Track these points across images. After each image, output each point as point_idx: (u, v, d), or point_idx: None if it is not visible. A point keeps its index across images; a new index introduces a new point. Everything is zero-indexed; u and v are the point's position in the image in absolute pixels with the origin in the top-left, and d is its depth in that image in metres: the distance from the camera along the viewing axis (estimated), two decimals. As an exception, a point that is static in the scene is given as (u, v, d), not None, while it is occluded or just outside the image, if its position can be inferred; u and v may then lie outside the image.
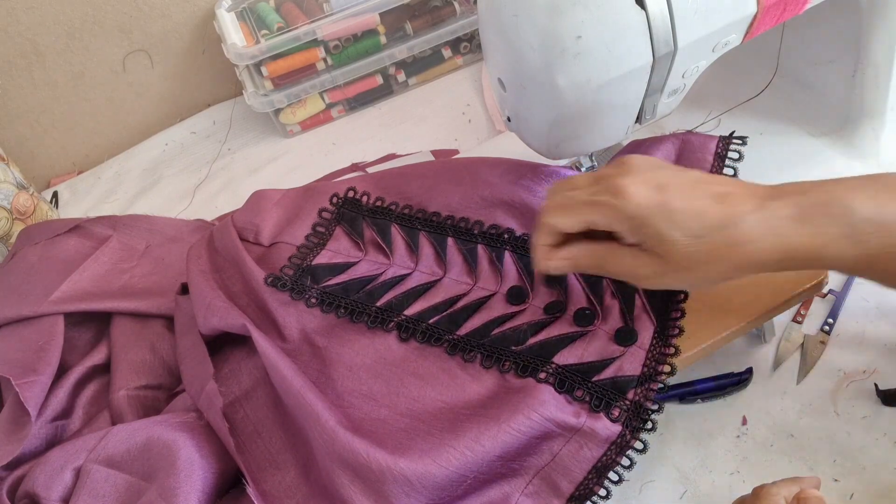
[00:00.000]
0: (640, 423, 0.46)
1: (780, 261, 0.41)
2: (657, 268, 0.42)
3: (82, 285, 0.67)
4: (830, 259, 0.40)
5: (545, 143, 0.53)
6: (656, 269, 0.42)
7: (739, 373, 0.59)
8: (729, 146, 0.57)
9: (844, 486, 0.52)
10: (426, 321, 0.53)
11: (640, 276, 0.43)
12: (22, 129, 0.92)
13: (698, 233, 0.40)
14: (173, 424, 0.53)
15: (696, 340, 0.50)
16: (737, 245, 0.40)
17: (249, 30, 0.85)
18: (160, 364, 0.62)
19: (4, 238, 0.76)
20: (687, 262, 0.41)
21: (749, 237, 0.40)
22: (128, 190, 0.91)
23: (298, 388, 0.49)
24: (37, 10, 0.83)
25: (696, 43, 0.47)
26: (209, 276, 0.59)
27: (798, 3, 0.50)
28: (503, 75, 0.51)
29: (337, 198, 0.62)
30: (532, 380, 0.48)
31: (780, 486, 0.42)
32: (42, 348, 0.60)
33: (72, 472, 0.52)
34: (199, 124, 0.97)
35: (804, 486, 0.43)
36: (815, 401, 0.57)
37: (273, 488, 0.50)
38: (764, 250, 0.40)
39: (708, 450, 0.56)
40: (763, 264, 0.41)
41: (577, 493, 0.45)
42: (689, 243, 0.41)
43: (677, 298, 0.51)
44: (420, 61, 0.92)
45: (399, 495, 0.44)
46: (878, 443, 0.53)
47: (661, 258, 0.42)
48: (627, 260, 0.43)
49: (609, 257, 0.44)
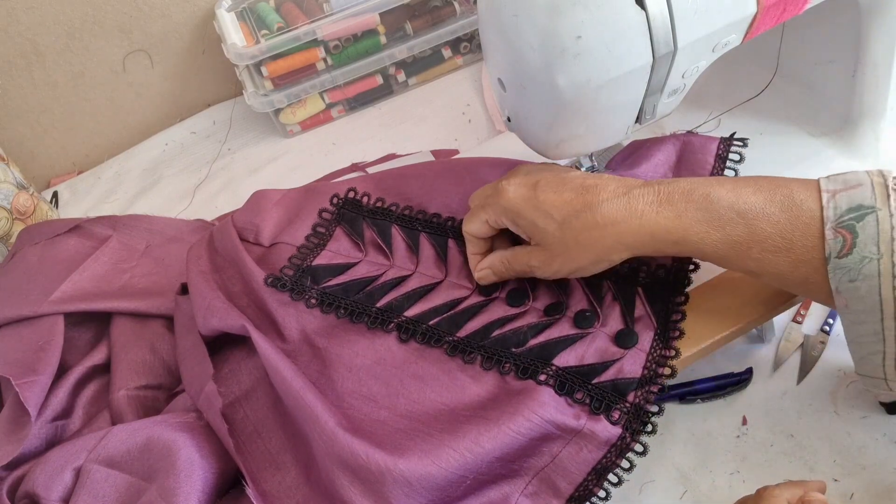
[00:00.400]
0: (640, 426, 0.46)
1: (648, 243, 0.45)
2: (543, 257, 0.49)
3: (82, 285, 0.67)
4: (695, 242, 0.44)
5: (545, 143, 0.53)
6: (542, 259, 0.49)
7: (739, 373, 0.59)
8: (730, 147, 0.57)
9: (844, 486, 0.52)
10: (426, 322, 0.53)
11: (534, 266, 0.50)
12: (22, 129, 0.92)
13: (562, 219, 0.46)
14: (173, 424, 0.53)
15: (695, 341, 0.50)
16: (600, 227, 0.45)
17: (249, 30, 0.85)
18: (160, 364, 0.62)
19: (4, 238, 0.76)
20: (561, 247, 0.47)
21: (611, 219, 0.45)
22: (128, 190, 0.91)
23: (298, 389, 0.49)
24: (37, 10, 0.83)
25: (696, 43, 0.47)
26: (209, 277, 0.59)
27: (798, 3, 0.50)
28: (503, 75, 0.51)
29: (337, 198, 0.62)
30: (532, 382, 0.48)
31: (783, 489, 0.42)
32: (42, 348, 0.60)
33: (72, 472, 0.52)
34: (199, 124, 0.97)
35: (808, 490, 0.43)
36: (815, 401, 0.57)
37: (273, 489, 0.50)
38: (629, 231, 0.45)
39: (708, 450, 0.56)
40: (633, 246, 0.46)
41: (576, 494, 0.45)
42: (556, 228, 0.47)
43: (678, 300, 0.51)
44: (420, 61, 0.92)
45: (399, 496, 0.44)
46: (878, 443, 0.54)
47: (542, 247, 0.48)
48: (524, 256, 0.50)
49: (512, 258, 0.51)
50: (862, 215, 0.41)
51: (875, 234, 0.41)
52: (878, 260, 0.41)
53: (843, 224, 0.41)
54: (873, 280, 0.41)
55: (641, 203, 0.45)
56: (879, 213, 0.41)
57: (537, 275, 0.51)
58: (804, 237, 0.42)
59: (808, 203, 0.43)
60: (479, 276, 0.54)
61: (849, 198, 0.42)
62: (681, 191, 0.45)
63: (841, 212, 0.42)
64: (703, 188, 0.44)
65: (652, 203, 0.45)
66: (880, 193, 0.41)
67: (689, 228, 0.44)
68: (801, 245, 0.43)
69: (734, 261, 0.45)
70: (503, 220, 0.50)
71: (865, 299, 0.42)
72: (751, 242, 0.43)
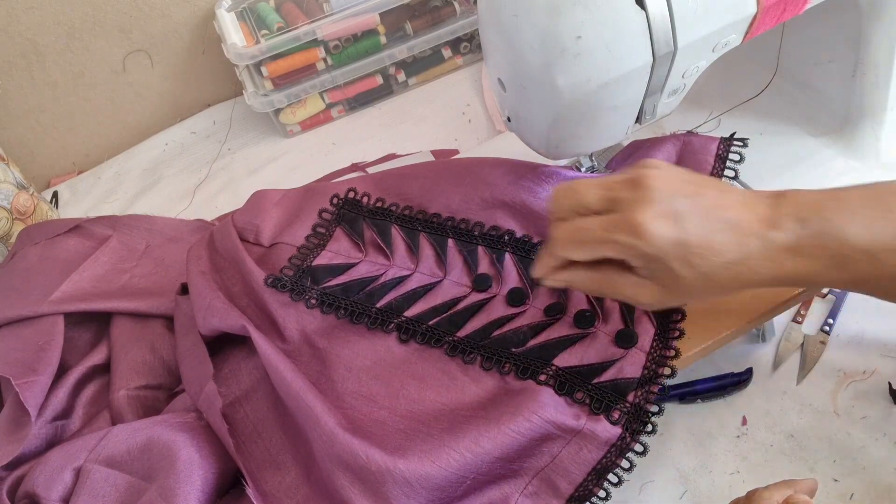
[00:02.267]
0: (640, 426, 0.46)
1: (772, 284, 0.42)
2: (659, 295, 0.43)
3: (82, 285, 0.67)
4: (820, 282, 0.43)
5: (545, 143, 0.53)
6: (658, 297, 0.43)
7: (739, 373, 0.59)
8: (730, 148, 0.57)
9: (844, 486, 0.52)
10: (426, 323, 0.53)
11: (641, 302, 0.44)
12: (22, 129, 0.92)
13: (709, 271, 0.41)
14: (173, 424, 0.53)
15: (696, 341, 0.50)
16: (740, 277, 0.41)
17: (249, 30, 0.85)
18: (160, 364, 0.62)
19: (4, 238, 0.76)
20: (687, 291, 0.42)
21: (752, 269, 0.41)
22: (128, 190, 0.91)
23: (298, 390, 0.49)
24: (37, 10, 0.83)
25: (696, 43, 0.47)
26: (209, 277, 0.59)
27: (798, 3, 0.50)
28: (503, 75, 0.51)
29: (337, 198, 0.62)
30: (532, 382, 0.48)
31: (772, 491, 0.42)
32: (42, 348, 0.60)
33: (72, 472, 0.52)
34: (199, 124, 0.97)
35: (799, 490, 0.42)
36: (815, 401, 0.57)
37: (273, 489, 0.50)
38: (760, 279, 0.42)
39: (708, 450, 0.56)
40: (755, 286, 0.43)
41: (576, 494, 0.45)
42: (696, 279, 0.41)
43: (677, 300, 0.51)
44: (420, 61, 0.92)
45: (398, 496, 0.44)
46: (878, 443, 0.54)
47: (665, 287, 0.42)
48: (628, 289, 0.43)
49: (608, 285, 0.44)
50: None
51: None
52: None
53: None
54: None
55: (777, 251, 0.41)
56: None
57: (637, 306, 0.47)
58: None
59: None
60: (550, 282, 0.46)
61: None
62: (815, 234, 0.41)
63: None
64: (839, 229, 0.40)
65: (786, 251, 0.41)
66: None
67: (818, 273, 0.41)
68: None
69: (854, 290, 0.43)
70: (634, 262, 0.42)
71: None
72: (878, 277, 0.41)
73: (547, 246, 0.45)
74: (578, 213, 0.43)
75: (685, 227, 0.40)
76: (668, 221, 0.40)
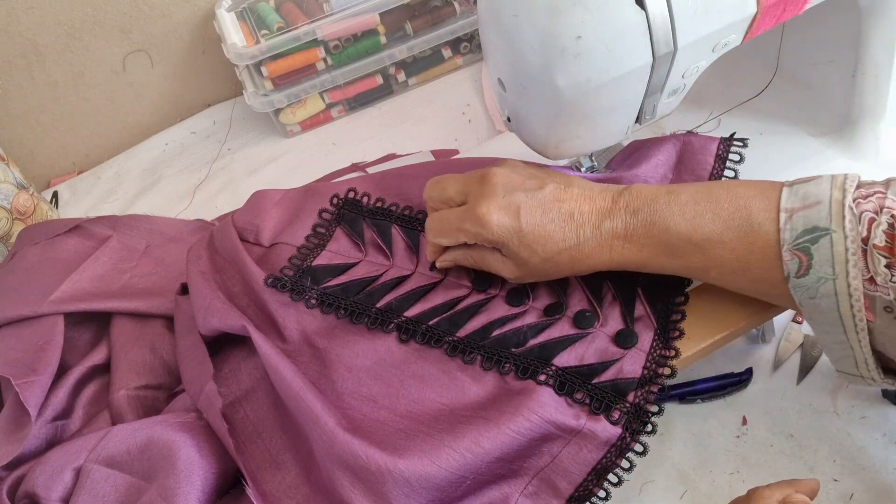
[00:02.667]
0: (640, 426, 0.46)
1: (612, 267, 0.48)
2: (518, 272, 0.50)
3: (82, 285, 0.67)
4: (656, 268, 0.47)
5: (545, 143, 0.53)
6: (517, 273, 0.50)
7: (739, 373, 0.59)
8: (730, 148, 0.57)
9: (844, 486, 0.52)
10: (426, 322, 0.53)
11: (506, 275, 0.51)
12: (22, 129, 0.92)
13: (547, 255, 0.48)
14: (173, 424, 0.53)
15: (695, 341, 0.50)
16: (577, 261, 0.48)
17: (249, 30, 0.85)
18: (160, 364, 0.62)
19: (4, 238, 0.76)
20: (538, 272, 0.49)
21: (587, 254, 0.47)
22: (128, 190, 0.91)
23: (298, 390, 0.49)
24: (37, 10, 0.83)
25: (696, 43, 0.47)
26: (209, 277, 0.59)
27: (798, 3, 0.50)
28: (503, 75, 0.51)
29: (337, 198, 0.62)
30: (532, 382, 0.48)
31: (773, 490, 0.42)
32: (42, 348, 0.60)
33: (72, 472, 0.52)
34: (199, 124, 0.97)
35: (800, 490, 0.42)
36: (815, 401, 0.57)
37: (273, 489, 0.50)
38: (600, 262, 0.48)
39: (708, 450, 0.56)
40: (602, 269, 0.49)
41: (576, 494, 0.45)
42: (539, 262, 0.48)
43: (678, 301, 0.51)
44: (420, 61, 0.92)
45: (398, 496, 0.44)
46: (878, 443, 0.54)
47: (519, 266, 0.49)
48: (495, 265, 0.51)
49: (480, 260, 0.51)
50: (816, 238, 0.42)
51: (829, 257, 0.41)
52: (833, 280, 0.41)
53: (799, 246, 0.42)
54: (831, 298, 0.42)
55: (611, 238, 0.47)
56: (834, 235, 0.41)
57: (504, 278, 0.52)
58: (761, 260, 0.44)
59: (765, 226, 0.43)
60: (440, 265, 0.54)
61: (805, 219, 0.42)
62: (643, 223, 0.46)
63: (797, 234, 0.42)
64: (664, 219, 0.46)
65: (619, 238, 0.47)
66: (836, 213, 0.42)
67: (649, 260, 0.47)
68: (757, 267, 0.44)
69: (695, 278, 0.49)
70: (485, 244, 0.49)
71: (826, 314, 0.43)
72: (708, 267, 0.46)
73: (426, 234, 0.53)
74: (447, 203, 0.51)
75: (522, 218, 0.47)
76: (506, 213, 0.47)
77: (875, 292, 0.40)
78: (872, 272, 0.40)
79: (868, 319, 0.41)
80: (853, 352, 0.43)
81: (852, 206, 0.41)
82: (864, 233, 0.41)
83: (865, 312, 0.41)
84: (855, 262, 0.40)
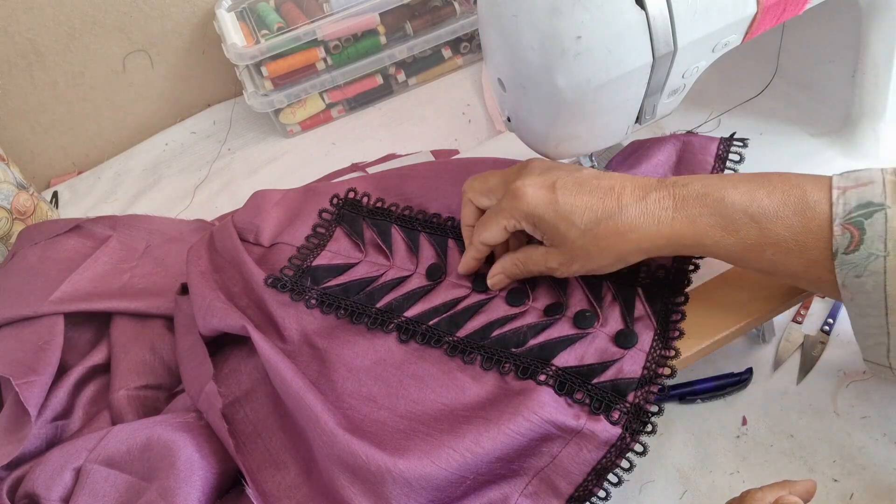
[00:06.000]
0: (639, 426, 0.46)
1: (665, 246, 0.46)
2: (562, 258, 0.48)
3: (82, 285, 0.67)
4: (709, 246, 0.45)
5: (545, 143, 0.53)
6: (562, 260, 0.48)
7: (739, 373, 0.59)
8: (730, 148, 0.57)
9: (844, 486, 0.52)
10: (426, 323, 0.53)
11: (552, 268, 0.49)
12: (22, 129, 0.92)
13: (585, 225, 0.46)
14: (173, 424, 0.53)
15: (695, 341, 0.50)
16: (621, 234, 0.45)
17: (249, 30, 0.85)
18: (160, 364, 0.62)
19: (4, 238, 0.76)
20: (582, 251, 0.47)
21: (631, 226, 0.45)
22: (128, 190, 0.91)
23: (298, 390, 0.49)
24: (37, 10, 0.83)
25: (696, 43, 0.47)
26: (209, 277, 0.59)
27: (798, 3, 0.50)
28: (503, 75, 0.51)
29: (337, 198, 0.62)
30: (532, 382, 0.48)
31: (765, 492, 0.42)
32: (42, 348, 0.60)
33: (72, 472, 0.52)
34: (199, 124, 0.97)
35: (794, 491, 0.42)
36: (815, 401, 0.57)
37: (273, 489, 0.50)
38: (647, 237, 0.45)
39: (708, 450, 0.56)
40: (651, 249, 0.46)
41: (576, 494, 0.45)
42: (579, 235, 0.46)
43: (678, 301, 0.51)
44: (420, 61, 0.92)
45: (398, 496, 0.44)
46: (878, 443, 0.54)
47: (561, 250, 0.48)
48: (540, 258, 0.50)
49: (526, 259, 0.51)
50: (871, 212, 0.41)
51: (883, 232, 0.41)
52: (884, 257, 0.41)
53: (852, 220, 0.42)
54: (879, 277, 0.41)
55: (658, 208, 0.45)
56: (889, 210, 0.41)
57: (552, 275, 0.51)
58: (817, 240, 0.43)
59: (821, 205, 0.43)
60: (493, 283, 0.53)
61: (859, 195, 0.42)
62: (695, 194, 0.45)
63: (850, 208, 0.42)
64: (718, 191, 0.44)
65: (668, 208, 0.45)
66: (891, 191, 0.41)
67: (703, 233, 0.44)
68: (813, 247, 0.43)
69: (749, 262, 0.45)
70: (524, 224, 0.49)
71: (871, 295, 0.42)
72: (764, 245, 0.44)
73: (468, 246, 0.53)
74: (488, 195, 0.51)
75: (557, 190, 0.47)
76: (543, 186, 0.47)
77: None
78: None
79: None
80: (888, 339, 0.43)
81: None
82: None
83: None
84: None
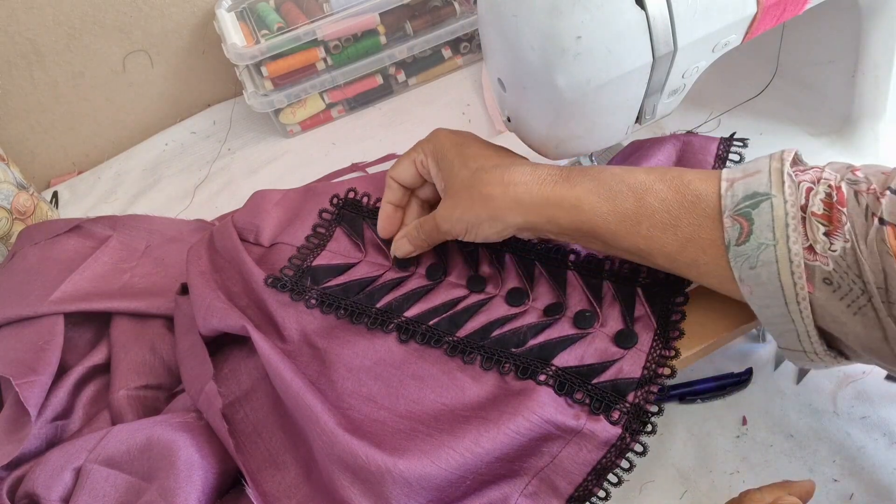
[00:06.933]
0: (639, 426, 0.46)
1: (544, 208, 0.47)
2: (447, 204, 0.51)
3: (82, 285, 0.67)
4: (587, 212, 0.47)
5: (545, 143, 0.53)
6: (446, 206, 0.51)
7: (739, 373, 0.59)
8: (730, 148, 0.57)
9: (844, 487, 0.52)
10: (426, 323, 0.53)
11: (439, 218, 0.52)
12: (22, 129, 0.92)
13: (476, 168, 0.49)
14: (173, 424, 0.53)
15: (695, 341, 0.50)
16: (505, 184, 0.48)
17: (249, 30, 0.85)
18: (160, 364, 0.62)
19: (4, 238, 0.76)
20: (466, 195, 0.50)
21: (516, 180, 0.48)
22: (128, 190, 0.90)
23: (298, 390, 0.49)
24: (37, 10, 0.83)
25: (696, 43, 0.47)
26: (209, 277, 0.59)
27: (798, 3, 0.50)
28: (503, 75, 0.51)
29: (337, 199, 0.62)
30: (532, 382, 0.48)
31: (764, 492, 0.42)
32: (42, 348, 0.60)
33: (72, 472, 0.52)
34: (199, 124, 0.97)
35: (793, 492, 0.42)
36: (815, 401, 0.57)
37: (273, 489, 0.50)
38: (527, 192, 0.48)
39: (708, 450, 0.56)
40: (529, 208, 0.48)
41: (576, 494, 0.45)
42: (468, 175, 0.50)
43: (678, 301, 0.51)
44: (420, 61, 0.92)
45: (398, 496, 0.44)
46: (878, 443, 0.54)
47: (448, 195, 0.51)
48: (431, 217, 0.53)
49: (424, 221, 0.54)
50: (757, 202, 0.42)
51: (770, 221, 0.41)
52: (774, 246, 0.41)
53: (740, 211, 0.42)
54: (772, 266, 0.42)
55: (547, 172, 0.48)
56: (774, 199, 0.41)
57: (450, 237, 0.53)
58: (690, 215, 0.44)
59: (698, 185, 0.44)
60: (395, 248, 0.56)
61: (745, 185, 0.43)
62: (582, 170, 0.48)
63: (738, 199, 0.43)
64: (603, 167, 0.48)
65: (555, 174, 0.48)
66: (776, 180, 0.42)
67: (581, 197, 0.46)
68: (687, 222, 0.44)
69: (625, 236, 0.46)
70: (430, 161, 0.53)
71: (767, 285, 0.42)
72: (640, 216, 0.45)
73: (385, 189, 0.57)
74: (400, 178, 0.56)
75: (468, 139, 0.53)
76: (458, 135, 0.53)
77: (814, 262, 0.40)
78: (811, 240, 0.40)
79: (808, 291, 0.41)
80: (794, 325, 0.43)
81: (791, 173, 0.42)
82: (803, 201, 0.41)
83: (805, 283, 0.41)
84: (795, 227, 0.41)
